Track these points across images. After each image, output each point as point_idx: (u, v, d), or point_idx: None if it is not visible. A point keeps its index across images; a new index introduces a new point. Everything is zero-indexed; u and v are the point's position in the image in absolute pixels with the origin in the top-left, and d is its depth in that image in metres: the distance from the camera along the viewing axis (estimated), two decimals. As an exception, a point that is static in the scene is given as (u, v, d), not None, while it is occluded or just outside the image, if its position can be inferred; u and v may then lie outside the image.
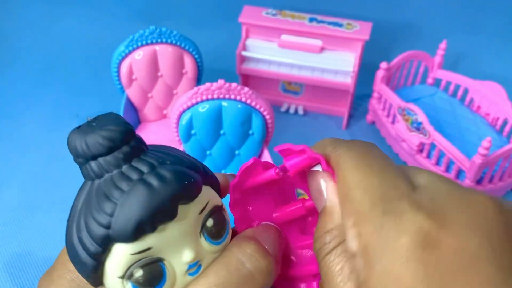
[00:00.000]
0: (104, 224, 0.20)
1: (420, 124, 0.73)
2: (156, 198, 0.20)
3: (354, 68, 0.80)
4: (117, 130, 0.20)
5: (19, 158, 0.81)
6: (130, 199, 0.19)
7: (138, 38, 0.72)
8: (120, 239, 0.20)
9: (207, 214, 0.22)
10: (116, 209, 0.20)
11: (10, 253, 0.67)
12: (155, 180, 0.20)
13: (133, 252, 0.20)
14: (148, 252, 0.20)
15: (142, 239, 0.20)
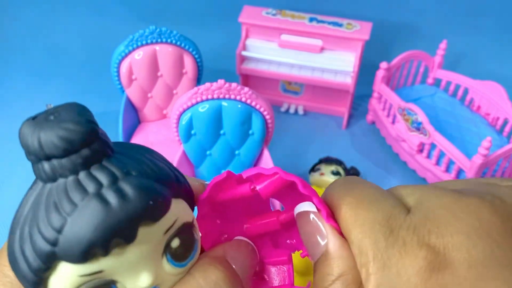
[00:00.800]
0: (50, 240, 0.17)
1: (420, 124, 0.73)
2: (112, 218, 0.17)
3: (354, 68, 0.80)
4: (77, 131, 0.17)
5: (19, 158, 0.81)
6: (82, 216, 0.17)
7: (138, 38, 0.72)
8: (67, 259, 0.17)
9: (173, 234, 0.19)
10: (65, 225, 0.17)
11: (10, 253, 0.67)
12: (113, 197, 0.17)
13: (81, 274, 0.17)
14: (99, 274, 0.18)
15: (93, 262, 0.17)
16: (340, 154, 0.76)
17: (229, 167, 0.65)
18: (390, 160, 0.82)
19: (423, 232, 0.18)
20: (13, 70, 1.01)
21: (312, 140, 0.86)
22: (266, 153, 0.63)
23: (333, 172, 0.71)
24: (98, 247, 0.17)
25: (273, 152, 0.68)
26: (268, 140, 0.63)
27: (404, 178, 0.79)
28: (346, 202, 0.20)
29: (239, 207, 0.24)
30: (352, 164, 0.76)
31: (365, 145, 0.85)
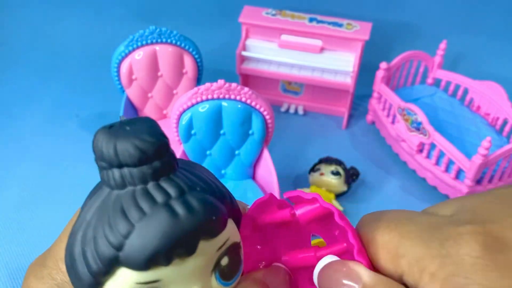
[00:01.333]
0: (115, 244, 0.17)
1: (420, 124, 0.73)
2: (179, 229, 0.17)
3: (354, 68, 0.80)
4: (152, 142, 0.18)
5: (19, 158, 0.81)
6: (150, 224, 0.17)
7: (138, 38, 0.72)
8: (129, 266, 0.17)
9: (224, 252, 0.20)
10: (132, 231, 0.17)
11: (10, 253, 0.67)
12: (181, 208, 0.17)
13: (139, 282, 0.18)
14: (155, 284, 0.18)
15: (153, 270, 0.18)
16: (340, 154, 0.76)
17: (229, 167, 0.65)
18: (390, 160, 0.82)
19: (475, 222, 0.18)
20: (13, 70, 1.01)
21: (312, 140, 0.86)
22: (266, 153, 0.63)
23: (333, 172, 0.71)
24: (162, 255, 0.17)
25: (273, 152, 0.68)
26: (268, 140, 0.63)
27: (404, 178, 0.79)
28: (383, 226, 0.20)
29: (279, 235, 0.24)
30: (352, 164, 0.76)
31: (365, 145, 0.85)
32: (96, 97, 0.93)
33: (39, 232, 0.70)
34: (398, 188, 0.77)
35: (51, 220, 0.71)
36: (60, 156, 0.82)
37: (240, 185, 0.64)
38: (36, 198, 0.74)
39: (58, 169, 0.79)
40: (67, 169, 0.79)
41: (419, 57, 0.85)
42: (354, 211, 0.73)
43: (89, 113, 0.90)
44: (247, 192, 0.63)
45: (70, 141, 0.85)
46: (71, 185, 0.76)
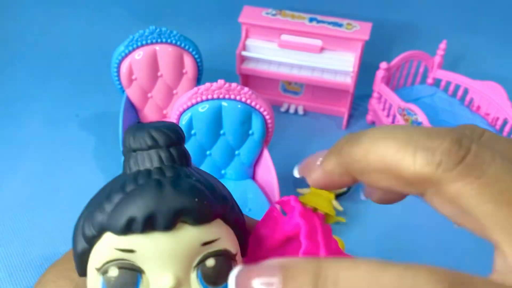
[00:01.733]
0: (106, 211, 0.19)
1: (420, 124, 0.73)
2: (158, 200, 0.19)
3: (354, 68, 0.80)
4: (164, 133, 0.20)
5: (19, 158, 0.81)
6: (136, 193, 0.19)
7: (138, 38, 0.72)
8: (110, 228, 0.19)
9: (211, 253, 0.20)
10: (122, 199, 0.19)
11: (10, 253, 0.67)
12: (169, 185, 0.19)
13: (117, 247, 0.19)
14: (131, 255, 0.19)
15: (130, 237, 0.19)
16: (340, 154, 0.76)
17: (229, 167, 0.65)
18: (390, 160, 0.82)
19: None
20: (13, 70, 1.01)
21: (312, 140, 0.86)
22: (265, 153, 0.63)
23: (333, 172, 0.71)
24: (136, 221, 0.19)
25: (273, 152, 0.68)
26: (268, 140, 0.63)
27: (404, 178, 0.79)
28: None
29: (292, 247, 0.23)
30: (352, 164, 0.76)
31: (365, 145, 0.85)
32: (96, 97, 0.93)
33: (39, 232, 0.70)
34: (398, 188, 0.77)
35: (51, 220, 0.71)
36: (60, 156, 0.82)
37: (240, 185, 0.64)
38: (36, 198, 0.74)
39: (58, 169, 0.79)
40: (67, 169, 0.79)
41: (419, 57, 0.85)
42: (354, 211, 0.73)
43: (89, 113, 0.90)
44: (247, 192, 0.63)
45: (70, 141, 0.85)
46: (71, 184, 0.76)
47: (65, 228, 0.70)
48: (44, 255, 0.67)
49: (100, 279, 0.19)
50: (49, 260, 0.66)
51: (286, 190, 0.74)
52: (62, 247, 0.67)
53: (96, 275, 0.19)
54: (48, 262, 0.66)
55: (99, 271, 0.19)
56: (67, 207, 0.73)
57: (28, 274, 0.64)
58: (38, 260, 0.66)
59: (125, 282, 0.19)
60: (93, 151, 0.83)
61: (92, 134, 0.86)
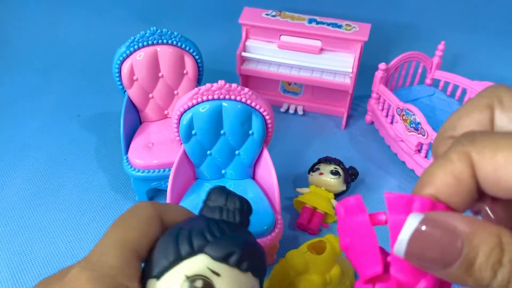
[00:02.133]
0: (207, 239, 0.27)
1: (419, 124, 0.74)
2: (250, 249, 0.28)
3: (353, 69, 0.81)
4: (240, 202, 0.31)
5: (21, 158, 0.82)
6: (237, 236, 0.28)
7: (139, 39, 0.73)
8: (210, 254, 0.26)
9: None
10: (222, 236, 0.27)
11: (11, 253, 0.67)
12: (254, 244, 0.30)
13: (211, 268, 0.26)
14: (216, 278, 0.25)
15: (221, 265, 0.26)
16: (339, 154, 0.77)
17: (229, 167, 0.65)
18: (388, 160, 0.83)
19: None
20: (15, 71, 1.01)
21: (311, 140, 0.86)
22: (265, 153, 0.63)
23: (332, 171, 0.72)
24: (235, 256, 0.27)
25: (273, 152, 0.69)
26: (268, 140, 0.64)
27: (402, 177, 0.80)
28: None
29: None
30: (351, 164, 0.76)
31: (364, 145, 0.86)
32: (98, 97, 0.94)
33: (40, 231, 0.70)
34: (396, 187, 0.78)
35: (52, 220, 0.72)
36: (62, 156, 0.82)
37: (240, 185, 0.65)
38: (37, 198, 0.75)
39: (60, 169, 0.80)
40: (69, 169, 0.80)
41: (418, 57, 0.85)
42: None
43: (91, 113, 0.91)
44: (247, 191, 0.64)
45: (71, 141, 0.85)
46: (72, 184, 0.77)
47: (66, 228, 0.71)
48: (45, 255, 0.67)
49: (187, 284, 0.25)
50: (49, 260, 0.67)
51: (286, 190, 0.75)
52: (63, 247, 0.68)
53: (182, 281, 0.25)
54: (49, 262, 0.66)
55: (188, 279, 0.25)
56: (69, 207, 0.73)
57: (29, 273, 0.65)
58: (39, 260, 0.66)
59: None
60: (95, 151, 0.83)
61: (93, 134, 0.86)
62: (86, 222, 0.71)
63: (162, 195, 0.74)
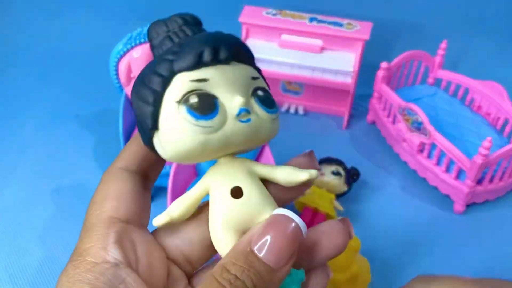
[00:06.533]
0: (169, 59, 0.23)
1: (421, 124, 0.73)
2: (217, 38, 0.24)
3: (355, 68, 0.80)
4: (180, 17, 0.27)
5: (19, 158, 0.81)
6: (194, 38, 0.24)
7: (136, 36, 0.72)
8: (182, 66, 0.23)
9: (259, 87, 0.25)
10: (185, 43, 0.23)
11: (9, 253, 0.67)
12: (218, 33, 0.25)
13: (192, 79, 0.22)
14: (204, 84, 0.23)
15: (200, 70, 0.23)
16: (340, 154, 0.76)
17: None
18: (390, 160, 0.82)
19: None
20: (12, 70, 1.01)
21: (312, 140, 0.85)
22: (267, 151, 0.63)
23: (333, 172, 0.71)
24: (206, 53, 0.23)
25: (274, 152, 0.68)
26: (268, 139, 0.63)
27: (404, 178, 0.79)
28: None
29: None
30: (353, 164, 0.75)
31: (366, 145, 0.85)
32: (96, 96, 0.93)
33: (38, 231, 0.69)
34: (398, 188, 0.77)
35: (50, 220, 0.71)
36: (60, 156, 0.81)
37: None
38: (36, 198, 0.74)
39: (58, 169, 0.79)
40: (67, 169, 0.79)
41: (420, 57, 0.85)
42: (354, 212, 0.72)
43: (89, 112, 0.90)
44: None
45: (70, 140, 0.84)
46: (71, 184, 0.76)
47: (65, 228, 0.70)
48: (43, 255, 0.66)
49: (184, 108, 0.22)
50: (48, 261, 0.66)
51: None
52: (61, 247, 0.67)
53: (177, 107, 0.22)
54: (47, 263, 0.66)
55: (180, 103, 0.22)
56: (67, 207, 0.73)
57: (27, 274, 0.64)
58: (37, 260, 0.66)
59: (206, 104, 0.22)
60: (93, 150, 0.82)
61: (92, 134, 0.86)
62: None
63: (163, 193, 0.74)
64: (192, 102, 0.22)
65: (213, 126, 0.22)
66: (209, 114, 0.22)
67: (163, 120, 0.23)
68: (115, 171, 0.27)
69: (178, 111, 0.22)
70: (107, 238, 0.23)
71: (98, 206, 0.25)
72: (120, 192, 0.25)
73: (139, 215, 0.25)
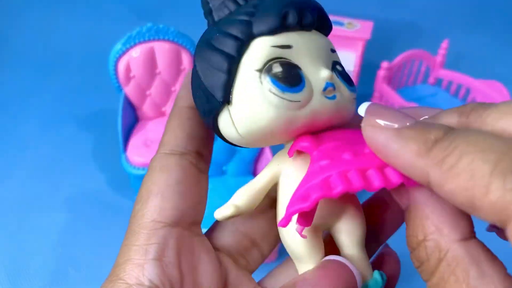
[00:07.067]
0: (246, 20, 0.19)
1: (422, 123, 0.72)
2: (302, 1, 0.20)
3: (355, 67, 0.80)
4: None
5: (18, 158, 0.80)
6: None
7: (135, 36, 0.71)
8: (262, 30, 0.19)
9: (337, 61, 0.21)
10: (256, 7, 0.19)
11: (9, 253, 0.66)
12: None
13: (274, 44, 0.19)
14: (287, 51, 0.19)
15: (283, 35, 0.19)
16: (340, 153, 0.75)
17: (230, 164, 0.64)
18: (391, 160, 0.81)
19: None
20: (11, 70, 1.00)
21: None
22: (267, 148, 0.62)
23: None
24: (291, 16, 0.19)
25: (274, 150, 0.67)
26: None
27: (405, 178, 0.78)
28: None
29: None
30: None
31: (366, 145, 0.84)
32: (95, 95, 0.93)
33: (37, 232, 0.69)
34: (399, 188, 0.76)
35: (49, 220, 0.70)
36: (59, 156, 0.81)
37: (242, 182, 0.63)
38: (35, 198, 0.73)
39: (57, 169, 0.78)
40: (66, 168, 0.78)
41: (421, 56, 0.84)
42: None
43: (88, 112, 0.90)
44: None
45: (69, 140, 0.84)
46: (70, 184, 0.76)
47: (64, 228, 0.69)
48: (42, 256, 0.66)
49: (267, 77, 0.19)
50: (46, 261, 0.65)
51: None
52: (60, 248, 0.67)
53: (259, 77, 0.19)
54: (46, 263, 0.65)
55: (263, 72, 0.19)
56: (66, 207, 0.72)
57: (26, 275, 0.63)
58: (36, 260, 0.65)
59: (291, 75, 0.19)
60: (92, 150, 0.82)
61: (90, 133, 0.85)
62: (85, 223, 0.70)
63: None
64: (276, 72, 0.19)
65: (300, 100, 0.19)
66: (296, 86, 0.19)
67: (239, 92, 0.19)
68: (159, 158, 0.22)
69: (261, 81, 0.19)
70: (146, 252, 0.20)
71: (141, 205, 0.21)
72: (166, 185, 0.21)
73: (190, 210, 0.21)
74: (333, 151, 0.19)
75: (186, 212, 0.21)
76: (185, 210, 0.21)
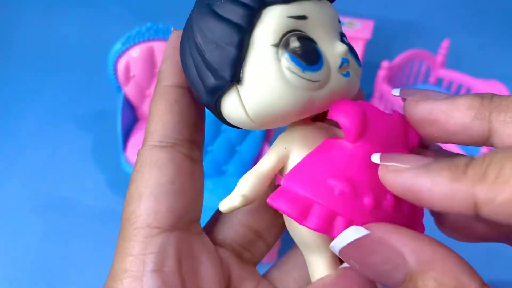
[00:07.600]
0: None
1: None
2: None
3: (356, 67, 0.80)
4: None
5: (17, 158, 0.80)
6: None
7: (135, 35, 0.71)
8: (273, 1, 0.17)
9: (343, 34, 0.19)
10: None
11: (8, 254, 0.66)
12: None
13: (290, 15, 0.17)
14: (303, 23, 0.17)
15: (298, 3, 0.17)
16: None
17: (229, 164, 0.64)
18: (392, 160, 0.81)
19: None
20: (11, 69, 1.00)
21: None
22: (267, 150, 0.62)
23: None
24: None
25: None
26: (269, 136, 0.62)
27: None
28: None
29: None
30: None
31: (367, 145, 0.84)
32: (94, 95, 0.93)
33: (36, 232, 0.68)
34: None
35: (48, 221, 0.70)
36: (58, 156, 0.81)
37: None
38: (34, 198, 0.73)
39: (56, 169, 0.78)
40: (65, 169, 0.78)
41: (421, 56, 0.84)
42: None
43: (87, 112, 0.90)
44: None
45: (68, 140, 0.84)
46: (69, 184, 0.75)
47: (63, 229, 0.69)
48: (41, 257, 0.65)
49: (285, 54, 0.17)
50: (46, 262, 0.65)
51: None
52: (59, 248, 0.67)
53: (276, 53, 0.17)
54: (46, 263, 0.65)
55: (280, 47, 0.17)
56: (66, 207, 0.72)
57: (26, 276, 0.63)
58: (36, 262, 0.65)
59: (310, 51, 0.17)
60: (91, 150, 0.82)
61: (90, 133, 0.85)
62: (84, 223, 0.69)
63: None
64: (294, 47, 0.17)
65: (320, 80, 0.17)
66: (315, 64, 0.17)
67: (252, 70, 0.17)
68: (148, 152, 0.19)
69: (278, 58, 0.17)
70: (144, 264, 0.18)
71: (132, 207, 0.19)
72: (159, 184, 0.19)
73: (187, 209, 0.20)
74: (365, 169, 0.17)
75: (183, 212, 0.19)
76: (181, 210, 0.19)
